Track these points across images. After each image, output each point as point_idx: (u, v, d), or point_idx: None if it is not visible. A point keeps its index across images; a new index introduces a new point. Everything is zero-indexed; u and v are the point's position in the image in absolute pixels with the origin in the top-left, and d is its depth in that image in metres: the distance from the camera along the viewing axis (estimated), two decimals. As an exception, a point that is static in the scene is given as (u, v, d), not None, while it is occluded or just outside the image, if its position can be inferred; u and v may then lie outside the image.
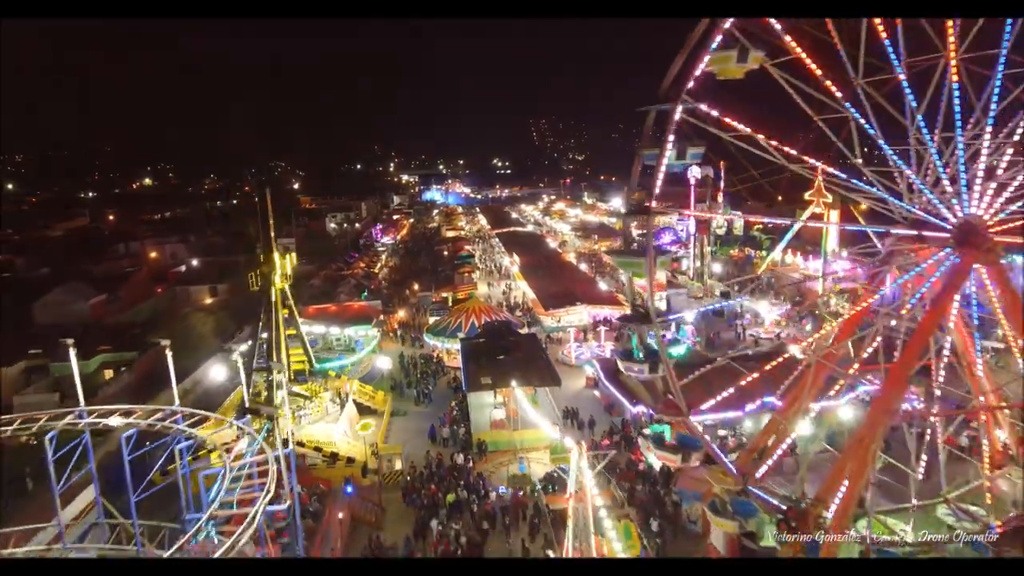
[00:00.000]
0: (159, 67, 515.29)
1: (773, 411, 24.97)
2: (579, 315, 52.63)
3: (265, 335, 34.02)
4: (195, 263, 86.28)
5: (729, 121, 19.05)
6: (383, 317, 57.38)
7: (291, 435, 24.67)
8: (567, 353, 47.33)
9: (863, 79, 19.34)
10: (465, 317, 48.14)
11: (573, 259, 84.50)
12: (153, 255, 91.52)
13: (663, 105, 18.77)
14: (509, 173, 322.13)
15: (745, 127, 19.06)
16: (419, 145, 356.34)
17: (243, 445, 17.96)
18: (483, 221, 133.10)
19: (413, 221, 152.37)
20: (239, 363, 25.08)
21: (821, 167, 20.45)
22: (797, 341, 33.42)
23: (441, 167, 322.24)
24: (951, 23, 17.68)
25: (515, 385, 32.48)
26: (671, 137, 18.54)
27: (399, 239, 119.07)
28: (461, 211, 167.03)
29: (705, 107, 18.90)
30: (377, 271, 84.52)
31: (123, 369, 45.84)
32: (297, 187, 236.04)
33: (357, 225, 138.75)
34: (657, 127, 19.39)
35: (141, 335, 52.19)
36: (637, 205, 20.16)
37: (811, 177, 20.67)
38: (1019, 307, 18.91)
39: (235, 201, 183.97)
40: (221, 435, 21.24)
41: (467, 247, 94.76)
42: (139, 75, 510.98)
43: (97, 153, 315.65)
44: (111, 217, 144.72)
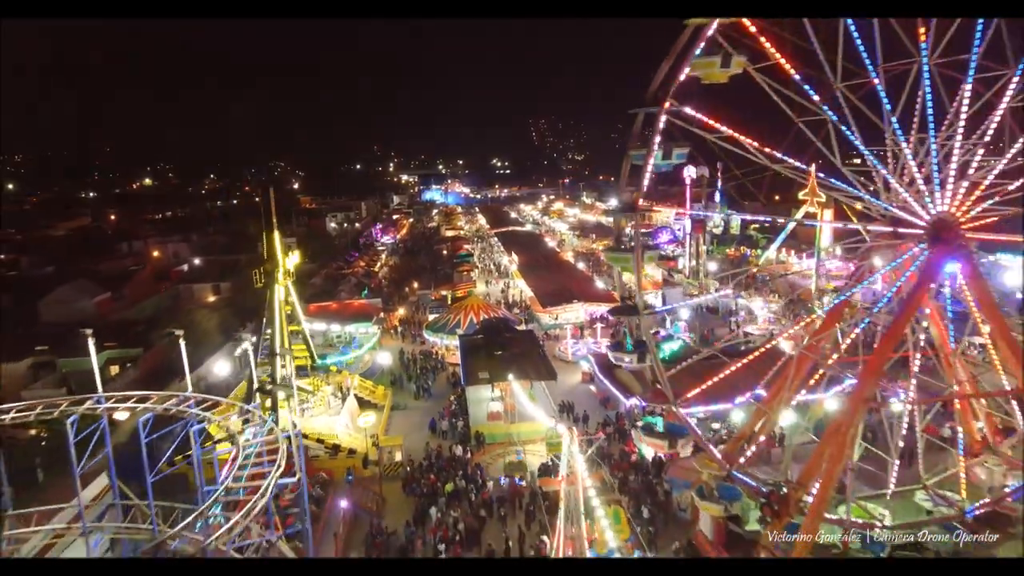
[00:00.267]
0: (159, 67, 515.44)
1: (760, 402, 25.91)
2: (576, 312, 53.64)
3: (269, 331, 34.88)
4: (197, 262, 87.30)
5: (713, 123, 20.01)
6: (383, 315, 58.31)
7: (297, 422, 25.51)
8: (564, 349, 48.24)
9: (841, 83, 20.27)
10: (464, 314, 49.02)
11: (571, 258, 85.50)
12: (156, 254, 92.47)
13: (651, 108, 19.74)
14: (508, 173, 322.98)
15: (728, 129, 20.00)
16: (419, 145, 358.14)
17: (249, 434, 18.87)
18: (482, 221, 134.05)
19: (413, 221, 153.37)
20: (249, 352, 26.05)
21: (812, 170, 21.40)
22: (789, 337, 34.31)
23: (441, 167, 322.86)
24: (923, 30, 18.60)
25: (512, 379, 33.36)
26: (657, 138, 19.51)
27: (399, 238, 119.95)
28: (460, 211, 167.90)
29: (690, 110, 19.86)
30: (377, 270, 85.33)
31: (129, 365, 46.74)
32: (297, 187, 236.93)
33: (357, 225, 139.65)
34: (645, 129, 20.35)
35: (145, 332, 53.17)
36: (625, 203, 21.12)
37: (793, 177, 21.54)
38: (989, 299, 19.88)
39: (235, 201, 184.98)
40: (230, 424, 22.10)
41: (466, 246, 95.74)
42: (139, 75, 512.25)
43: (97, 153, 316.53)
44: (112, 217, 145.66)
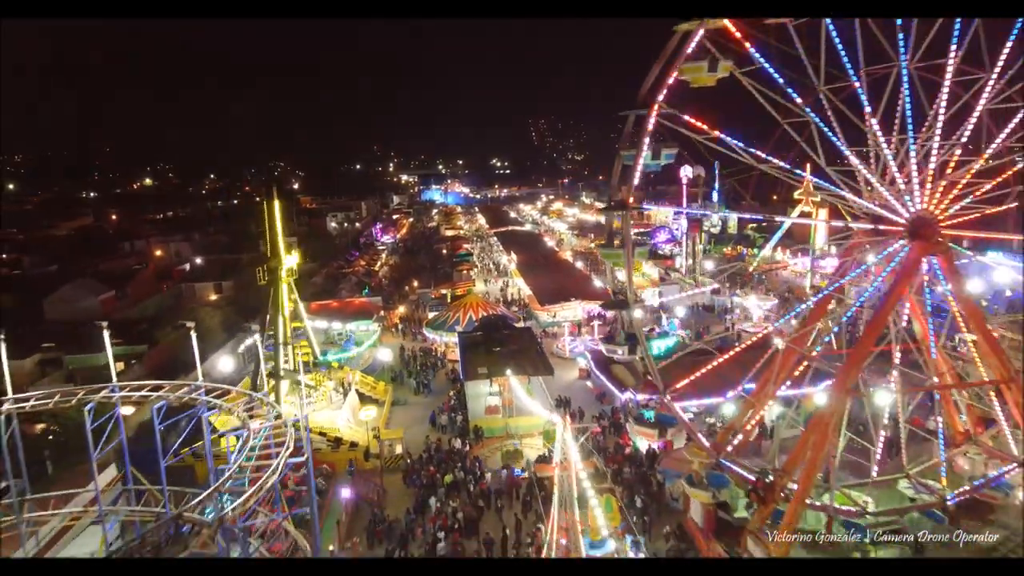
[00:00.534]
0: (159, 67, 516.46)
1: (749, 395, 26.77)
2: (573, 310, 54.37)
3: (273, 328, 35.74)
4: (199, 261, 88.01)
5: (701, 125, 20.86)
6: (384, 313, 59.14)
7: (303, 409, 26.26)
8: (561, 346, 48.97)
9: (825, 86, 21.12)
10: (463, 312, 49.79)
11: (570, 257, 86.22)
12: (158, 253, 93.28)
13: (640, 110, 20.58)
14: (508, 173, 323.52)
15: (715, 130, 20.85)
16: (418, 145, 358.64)
17: (258, 423, 19.69)
18: (482, 220, 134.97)
19: (413, 220, 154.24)
20: (258, 345, 27.00)
21: (807, 173, 22.27)
22: (783, 334, 35.20)
23: (440, 167, 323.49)
24: (901, 35, 19.46)
25: (510, 374, 34.18)
26: (647, 140, 20.37)
27: (399, 238, 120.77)
28: (460, 211, 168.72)
29: (678, 112, 20.71)
30: (377, 269, 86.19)
31: (134, 362, 47.54)
32: (297, 187, 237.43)
33: (357, 224, 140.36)
34: (636, 130, 21.20)
35: (149, 330, 53.98)
36: (617, 201, 21.97)
37: (780, 177, 22.40)
38: (966, 294, 20.77)
39: (235, 201, 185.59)
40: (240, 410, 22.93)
41: (466, 246, 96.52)
42: (139, 75, 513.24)
43: (97, 153, 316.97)
44: (114, 217, 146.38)
